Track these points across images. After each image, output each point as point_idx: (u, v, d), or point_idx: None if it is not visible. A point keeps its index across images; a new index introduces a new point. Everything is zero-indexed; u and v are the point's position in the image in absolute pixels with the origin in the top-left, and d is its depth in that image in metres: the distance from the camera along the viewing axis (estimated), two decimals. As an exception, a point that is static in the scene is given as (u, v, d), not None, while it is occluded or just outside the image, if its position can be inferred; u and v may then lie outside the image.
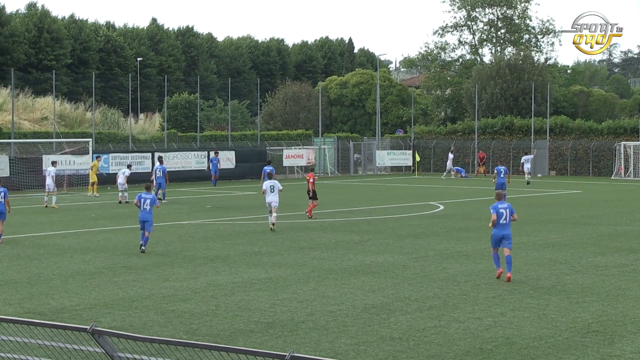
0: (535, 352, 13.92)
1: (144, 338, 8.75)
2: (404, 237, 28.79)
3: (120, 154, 57.90)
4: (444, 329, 15.50)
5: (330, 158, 73.62)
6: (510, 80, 79.91)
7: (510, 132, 75.19)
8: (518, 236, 29.01)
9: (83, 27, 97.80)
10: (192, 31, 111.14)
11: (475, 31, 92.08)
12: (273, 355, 7.64)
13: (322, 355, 13.63)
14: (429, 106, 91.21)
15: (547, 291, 19.08)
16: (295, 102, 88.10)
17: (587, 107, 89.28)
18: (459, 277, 20.93)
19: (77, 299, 18.43)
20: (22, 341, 9.68)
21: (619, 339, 14.83)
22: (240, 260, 23.74)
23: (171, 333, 15.15)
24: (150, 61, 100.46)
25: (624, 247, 26.37)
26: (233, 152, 64.75)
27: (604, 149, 69.58)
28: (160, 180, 43.62)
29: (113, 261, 23.72)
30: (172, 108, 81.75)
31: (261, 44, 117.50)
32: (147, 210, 25.56)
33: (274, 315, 16.62)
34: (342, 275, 21.21)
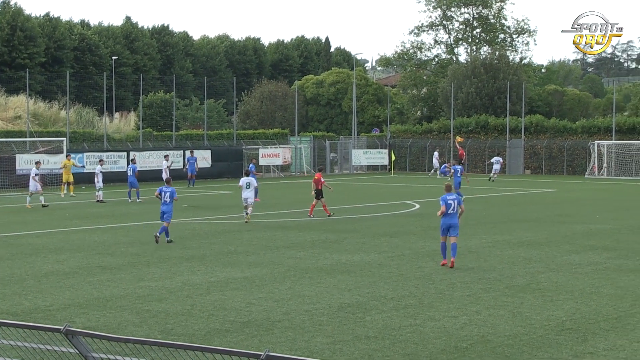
0: (510, 350, 13.98)
1: (119, 338, 8.69)
2: (379, 236, 28.83)
3: (95, 153, 57.60)
4: (419, 327, 15.54)
5: (306, 157, 73.62)
6: (485, 80, 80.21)
7: (486, 131, 75.48)
8: (493, 235, 29.19)
9: (57, 26, 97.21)
10: (168, 30, 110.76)
11: (451, 30, 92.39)
12: (249, 354, 7.60)
13: (297, 354, 13.62)
14: (405, 105, 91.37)
15: (522, 289, 19.17)
16: (272, 101, 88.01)
17: (561, 106, 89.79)
18: (435, 275, 20.99)
19: (51, 299, 18.32)
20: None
21: (592, 336, 14.93)
22: (216, 260, 23.69)
23: (146, 333, 15.09)
24: (126, 60, 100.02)
25: (597, 245, 26.53)
26: (209, 151, 64.60)
27: (578, 148, 70.01)
28: (132, 180, 43.61)
29: (88, 261, 23.60)
30: (147, 107, 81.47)
31: (237, 43, 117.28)
32: (168, 202, 27.41)
33: (250, 315, 16.60)
34: (318, 274, 21.22)
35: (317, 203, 35.55)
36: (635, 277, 20.85)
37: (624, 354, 13.77)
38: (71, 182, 47.70)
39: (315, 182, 35.90)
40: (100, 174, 44.19)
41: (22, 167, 52.38)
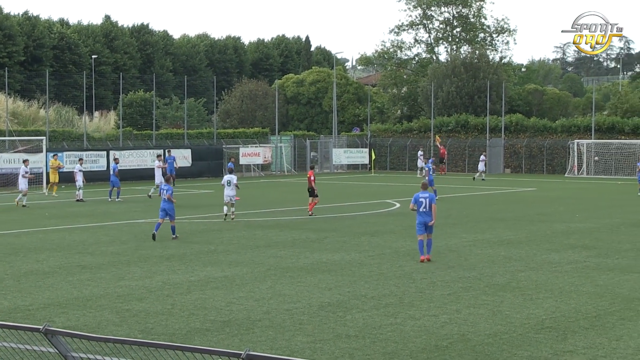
0: (490, 349, 14.02)
1: (99, 338, 8.66)
2: (360, 235, 28.86)
3: (75, 152, 57.36)
4: (399, 326, 15.56)
5: (287, 156, 73.58)
6: (465, 79, 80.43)
7: (466, 131, 75.69)
8: (473, 234, 29.27)
9: (36, 24, 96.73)
10: (147, 28, 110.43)
11: (431, 30, 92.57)
12: (229, 353, 7.56)
13: (278, 353, 13.60)
14: (385, 104, 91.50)
15: (502, 288, 19.24)
16: (252, 100, 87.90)
17: (541, 105, 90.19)
18: (415, 274, 21.02)
19: (31, 298, 18.23)
20: None
21: (571, 334, 14.98)
22: (197, 259, 23.64)
23: (126, 332, 15.05)
24: (105, 59, 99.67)
25: (577, 244, 26.65)
26: (189, 150, 64.46)
27: (558, 147, 70.33)
28: (113, 179, 43.51)
29: (67, 260, 23.50)
30: (127, 106, 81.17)
31: (217, 42, 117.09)
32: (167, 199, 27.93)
33: (230, 314, 16.58)
34: (299, 274, 21.21)
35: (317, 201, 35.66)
36: (615, 275, 20.96)
37: (603, 352, 13.83)
38: (56, 182, 47.32)
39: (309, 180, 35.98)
40: (80, 172, 44.13)
41: (1, 167, 52.12)
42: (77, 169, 44.57)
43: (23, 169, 42.08)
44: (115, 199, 43.19)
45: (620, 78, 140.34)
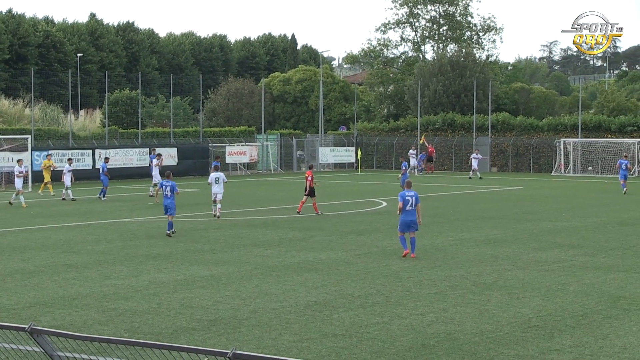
0: (477, 347, 14.01)
1: (84, 337, 8.62)
2: (346, 234, 28.84)
3: (61, 151, 57.16)
4: (386, 325, 15.54)
5: (273, 155, 73.52)
6: (452, 77, 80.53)
7: (452, 129, 75.80)
8: (460, 232, 29.29)
9: (21, 22, 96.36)
10: (133, 27, 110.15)
11: (418, 28, 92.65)
12: (215, 352, 7.53)
13: (264, 352, 13.55)
14: (371, 103, 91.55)
15: (489, 287, 19.25)
16: (238, 98, 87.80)
17: (528, 104, 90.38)
18: (402, 273, 21.01)
19: (16, 297, 18.15)
20: None
21: (558, 333, 14.99)
22: (183, 258, 23.58)
23: (112, 332, 14.99)
24: (91, 57, 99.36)
25: (563, 242, 26.70)
26: (175, 148, 64.34)
27: (545, 145, 70.50)
28: (102, 178, 43.44)
29: (53, 259, 23.40)
30: (113, 104, 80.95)
31: (203, 40, 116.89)
32: (169, 195, 28.19)
33: (217, 313, 16.53)
34: (285, 272, 21.17)
35: (307, 200, 35.57)
36: (601, 274, 21.00)
37: (589, 351, 13.85)
38: (49, 181, 46.82)
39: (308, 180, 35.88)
40: (68, 173, 44.22)
41: (-14, 165, 51.91)
42: (66, 169, 44.60)
43: (17, 169, 41.61)
44: (102, 198, 43.07)
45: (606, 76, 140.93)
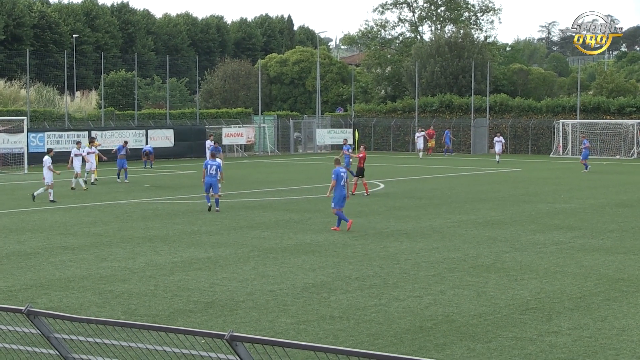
0: (475, 330, 13.99)
1: (81, 319, 8.60)
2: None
3: (56, 133, 57.02)
4: (384, 307, 15.50)
5: (270, 136, 73.38)
6: (450, 59, 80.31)
7: (450, 111, 75.66)
8: (457, 214, 29.23)
9: (16, 3, 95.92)
10: (128, 7, 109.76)
11: (415, 9, 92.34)
12: (212, 334, 7.54)
13: (262, 334, 13.52)
14: (369, 84, 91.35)
15: (487, 269, 19.20)
16: (235, 80, 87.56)
17: (526, 85, 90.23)
18: (399, 255, 20.96)
19: (12, 279, 18.10)
20: None
21: (556, 315, 14.97)
22: (179, 240, 23.51)
23: (109, 314, 14.97)
24: (86, 38, 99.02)
25: (562, 224, 26.66)
26: (172, 130, 64.19)
27: (543, 127, 70.40)
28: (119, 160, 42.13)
29: (49, 241, 23.33)
30: (109, 86, 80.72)
31: (200, 22, 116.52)
32: (214, 174, 29.50)
33: (214, 295, 16.49)
34: (282, 255, 21.12)
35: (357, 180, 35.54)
36: (600, 256, 20.96)
37: (587, 333, 13.81)
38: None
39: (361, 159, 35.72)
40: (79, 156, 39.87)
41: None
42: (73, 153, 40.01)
43: (75, 151, 39.74)
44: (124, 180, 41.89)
45: (605, 58, 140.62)
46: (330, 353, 7.08)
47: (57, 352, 8.64)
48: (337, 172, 25.26)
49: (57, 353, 8.66)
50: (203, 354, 8.17)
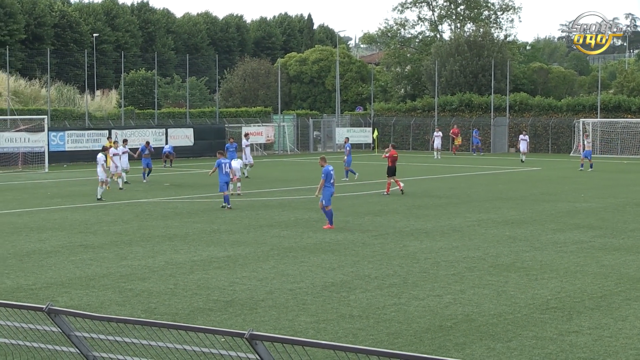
0: (495, 329, 13.95)
1: (102, 317, 8.65)
2: (363, 215, 28.76)
3: (77, 132, 57.30)
4: (403, 306, 15.48)
5: (289, 135, 73.46)
6: (469, 57, 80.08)
7: (470, 109, 75.48)
8: (477, 213, 29.16)
9: (37, 2, 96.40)
10: (148, 7, 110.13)
11: (435, 7, 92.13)
12: (232, 333, 7.56)
13: (281, 333, 13.53)
14: (388, 83, 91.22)
15: (506, 268, 19.15)
16: (254, 79, 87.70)
17: (546, 84, 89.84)
18: (419, 254, 20.94)
19: (34, 278, 18.20)
20: None
21: (577, 315, 14.92)
22: (199, 239, 23.57)
23: (129, 312, 15.03)
24: (107, 37, 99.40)
25: (582, 224, 26.55)
26: (191, 129, 64.36)
27: (563, 125, 70.11)
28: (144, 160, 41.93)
29: (70, 240, 23.44)
30: (129, 85, 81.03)
31: (220, 21, 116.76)
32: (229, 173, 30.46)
33: (233, 294, 16.52)
34: (302, 253, 21.14)
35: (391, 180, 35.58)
36: (620, 255, 20.86)
37: (608, 332, 13.76)
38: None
39: (393, 159, 35.74)
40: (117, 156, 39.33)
41: (2, 146, 52.08)
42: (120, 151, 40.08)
43: (122, 149, 40.07)
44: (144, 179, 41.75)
45: (626, 56, 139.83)
46: (349, 352, 7.08)
47: (77, 350, 8.68)
48: (326, 171, 25.71)
49: (77, 351, 8.70)
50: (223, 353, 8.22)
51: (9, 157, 52.47)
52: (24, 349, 10.85)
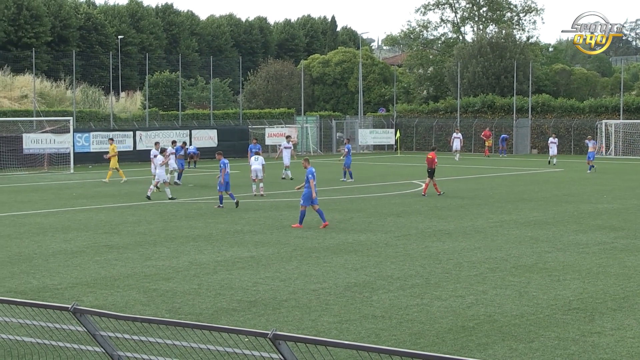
0: (517, 330, 13.99)
1: (126, 317, 8.72)
2: (386, 216, 28.83)
3: (102, 133, 57.68)
4: (426, 307, 15.55)
5: (312, 137, 73.58)
6: (492, 59, 79.95)
7: (492, 111, 75.32)
8: (500, 214, 29.16)
9: (63, 5, 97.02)
10: (173, 9, 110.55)
11: (457, 9, 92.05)
12: (255, 333, 7.62)
13: (304, 333, 13.60)
14: (411, 84, 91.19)
15: (529, 269, 19.18)
16: (278, 80, 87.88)
17: (568, 85, 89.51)
18: (441, 255, 21.00)
19: (59, 278, 18.38)
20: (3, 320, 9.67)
21: (599, 315, 14.94)
22: (223, 239, 23.72)
23: (154, 312, 15.13)
24: (131, 39, 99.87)
25: (604, 225, 26.51)
26: (215, 130, 64.62)
27: (586, 127, 69.83)
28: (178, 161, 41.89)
29: (95, 240, 23.65)
30: (153, 86, 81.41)
31: (243, 23, 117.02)
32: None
33: (257, 294, 16.62)
34: (325, 254, 21.23)
35: (429, 182, 35.64)
36: (642, 256, 20.82)
37: (631, 333, 13.77)
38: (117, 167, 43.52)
39: (429, 161, 35.86)
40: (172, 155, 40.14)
41: (28, 147, 52.53)
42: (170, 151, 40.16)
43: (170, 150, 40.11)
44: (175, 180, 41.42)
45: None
46: (372, 352, 7.13)
47: (102, 350, 8.77)
48: (310, 172, 26.41)
49: (102, 350, 8.79)
50: (246, 353, 8.26)
51: (35, 158, 52.93)
52: (49, 348, 10.92)
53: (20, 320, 9.68)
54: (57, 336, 10.52)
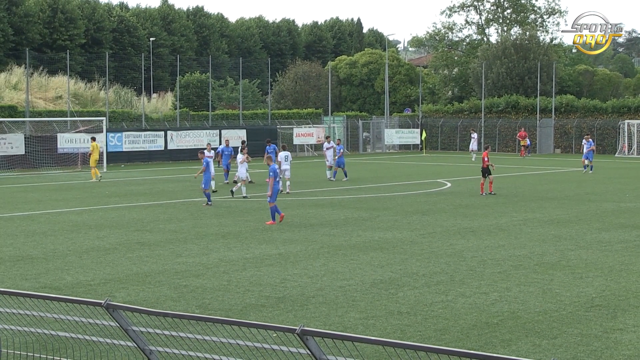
0: (540, 326, 14.08)
1: (158, 312, 8.87)
2: (411, 214, 29.04)
3: (134, 133, 58.31)
4: (450, 303, 15.70)
5: (339, 136, 73.77)
6: (516, 60, 79.89)
7: (516, 111, 75.32)
8: (523, 213, 29.31)
9: (96, 8, 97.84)
10: (203, 11, 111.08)
11: (482, 11, 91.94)
12: (284, 329, 7.74)
13: (331, 329, 13.71)
14: (436, 85, 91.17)
15: (552, 266, 19.33)
16: (305, 81, 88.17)
17: (591, 86, 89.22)
18: (466, 253, 21.19)
19: (92, 274, 18.63)
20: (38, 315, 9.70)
21: (622, 313, 15.01)
22: (252, 237, 23.97)
23: (184, 308, 15.32)
24: (163, 41, 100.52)
25: (627, 223, 26.59)
26: (244, 130, 65.05)
27: (609, 127, 69.66)
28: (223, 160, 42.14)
29: (127, 237, 23.98)
30: (184, 87, 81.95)
31: (272, 25, 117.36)
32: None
33: (285, 290, 16.80)
34: (351, 251, 21.44)
35: (484, 181, 35.85)
36: (666, 255, 20.92)
37: (652, 330, 13.90)
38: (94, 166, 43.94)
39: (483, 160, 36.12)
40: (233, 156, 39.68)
41: (63, 146, 53.27)
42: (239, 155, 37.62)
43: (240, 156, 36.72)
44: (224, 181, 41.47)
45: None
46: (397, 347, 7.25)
47: (134, 344, 8.92)
48: (273, 169, 26.79)
49: (134, 345, 8.95)
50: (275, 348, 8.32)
51: (68, 158, 53.63)
52: (83, 342, 11.03)
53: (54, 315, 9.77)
54: (90, 331, 10.57)
